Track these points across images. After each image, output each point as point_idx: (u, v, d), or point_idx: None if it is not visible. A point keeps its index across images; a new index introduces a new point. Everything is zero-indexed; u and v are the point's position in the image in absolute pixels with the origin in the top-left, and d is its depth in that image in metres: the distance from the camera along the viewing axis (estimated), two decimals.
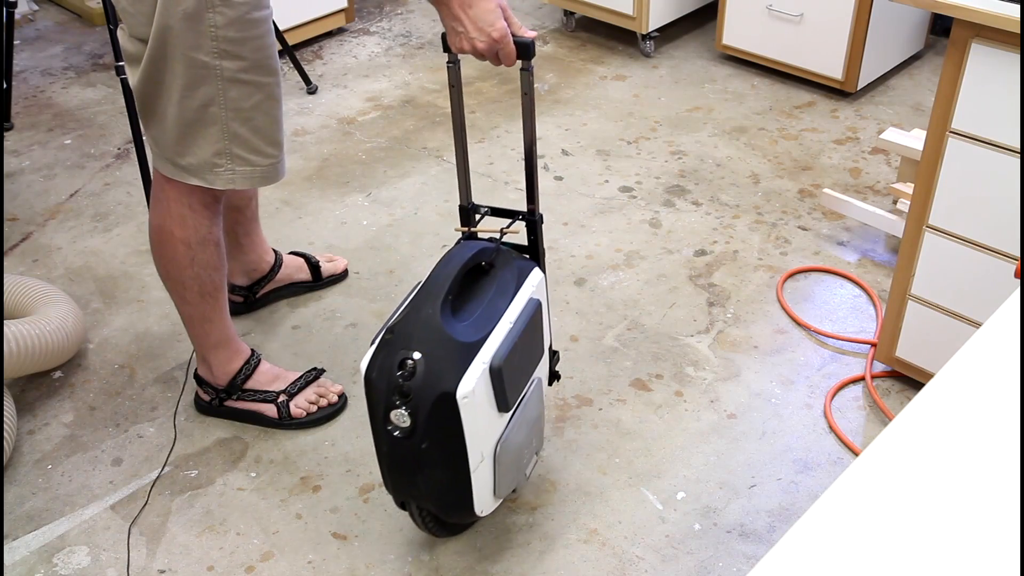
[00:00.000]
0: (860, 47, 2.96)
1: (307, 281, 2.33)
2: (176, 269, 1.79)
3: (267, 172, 1.71)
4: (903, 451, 0.81)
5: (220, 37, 1.54)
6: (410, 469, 1.55)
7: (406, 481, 1.59)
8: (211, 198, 1.75)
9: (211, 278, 1.82)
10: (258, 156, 1.68)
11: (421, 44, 3.57)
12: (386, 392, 1.50)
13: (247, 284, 2.25)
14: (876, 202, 2.58)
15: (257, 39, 1.59)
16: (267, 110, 1.65)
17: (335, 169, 2.83)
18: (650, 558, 1.71)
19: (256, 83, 1.62)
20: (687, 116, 3.06)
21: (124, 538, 1.77)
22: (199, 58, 1.56)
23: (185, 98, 1.60)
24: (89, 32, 3.68)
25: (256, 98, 1.63)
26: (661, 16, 3.37)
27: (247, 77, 1.60)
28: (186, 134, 1.64)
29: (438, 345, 1.49)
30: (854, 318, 2.25)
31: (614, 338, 2.20)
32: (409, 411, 1.49)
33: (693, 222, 2.57)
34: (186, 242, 1.75)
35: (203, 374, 1.97)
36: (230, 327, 1.93)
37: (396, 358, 1.49)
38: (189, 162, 1.67)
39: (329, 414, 1.99)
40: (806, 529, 0.75)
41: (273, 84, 1.65)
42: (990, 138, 1.67)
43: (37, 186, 2.77)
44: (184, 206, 1.73)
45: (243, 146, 1.66)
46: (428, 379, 1.48)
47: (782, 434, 1.95)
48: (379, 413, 1.52)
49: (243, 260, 2.21)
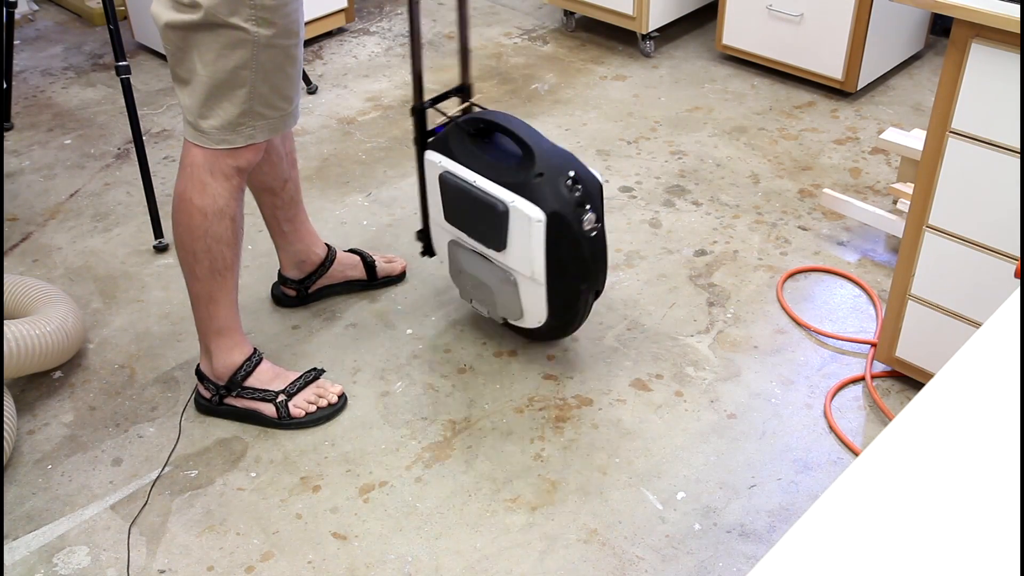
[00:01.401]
0: (860, 47, 2.96)
1: (362, 279, 2.33)
2: (190, 238, 1.82)
3: (278, 124, 1.80)
4: (903, 451, 0.81)
5: (258, 5, 1.63)
6: (605, 256, 2.01)
7: (604, 267, 2.02)
8: (232, 169, 1.78)
9: (223, 253, 1.84)
10: (272, 110, 1.77)
11: (421, 44, 3.57)
12: (573, 207, 1.87)
13: (299, 278, 2.26)
14: (876, 202, 2.58)
15: (288, 4, 1.67)
16: (286, 69, 1.74)
17: (335, 169, 2.83)
18: (650, 558, 1.71)
19: (283, 47, 1.71)
20: (687, 116, 3.06)
21: (124, 538, 1.77)
22: (238, 23, 1.63)
23: (220, 59, 1.67)
24: (89, 32, 3.68)
25: (279, 59, 1.72)
26: (661, 16, 3.37)
27: (278, 42, 1.69)
28: (214, 95, 1.70)
29: (574, 161, 1.92)
30: (854, 318, 2.25)
31: (614, 338, 2.20)
32: (591, 209, 1.90)
33: (693, 222, 2.57)
34: (203, 211, 1.79)
35: (204, 369, 1.98)
36: (236, 317, 1.94)
37: (561, 182, 1.87)
38: (211, 124, 1.73)
39: (328, 414, 1.99)
40: (806, 529, 0.75)
41: (293, 45, 1.74)
42: (990, 138, 1.67)
43: (37, 186, 2.77)
44: (206, 172, 1.77)
45: (263, 103, 1.74)
46: (587, 186, 1.90)
47: (782, 434, 1.95)
48: (573, 228, 1.88)
49: (290, 250, 2.21)
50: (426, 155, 2.02)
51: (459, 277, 2.13)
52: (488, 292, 2.06)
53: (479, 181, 1.93)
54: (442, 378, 2.10)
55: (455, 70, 3.34)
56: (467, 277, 2.09)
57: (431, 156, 2.01)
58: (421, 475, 1.88)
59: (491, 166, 1.94)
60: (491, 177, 1.93)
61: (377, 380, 2.09)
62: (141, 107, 3.08)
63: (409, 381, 2.09)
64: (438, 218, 2.09)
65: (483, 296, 2.09)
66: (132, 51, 3.42)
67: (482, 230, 1.98)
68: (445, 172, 1.99)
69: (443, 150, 2.01)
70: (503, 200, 1.89)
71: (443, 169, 1.99)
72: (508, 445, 1.94)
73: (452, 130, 2.01)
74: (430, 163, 2.02)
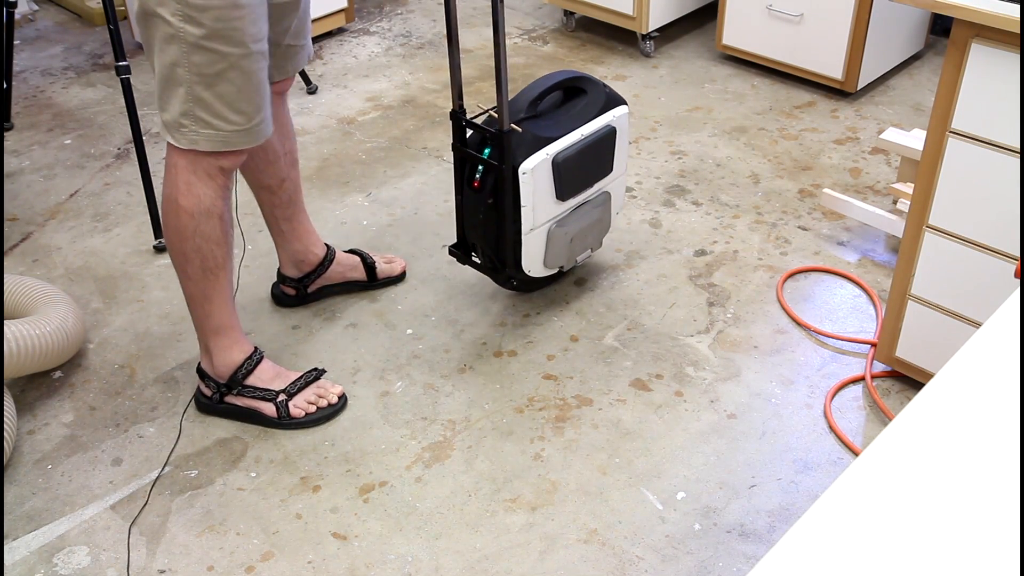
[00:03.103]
0: (860, 47, 2.96)
1: (361, 280, 2.33)
2: (179, 240, 1.82)
3: (229, 137, 1.73)
4: (903, 451, 0.81)
5: (182, 1, 1.60)
6: None
7: None
8: (215, 168, 1.77)
9: (212, 252, 1.84)
10: (221, 121, 1.71)
11: (421, 44, 3.57)
12: None
13: (297, 276, 2.26)
14: (876, 202, 2.58)
15: (219, 10, 1.62)
16: (232, 79, 1.68)
17: (335, 169, 2.83)
18: (650, 558, 1.71)
19: (219, 52, 1.65)
20: (687, 116, 3.06)
21: (124, 538, 1.77)
22: (165, 17, 1.61)
23: (160, 53, 1.66)
24: (89, 32, 3.68)
25: (220, 66, 1.66)
26: (661, 16, 3.37)
27: (209, 45, 1.64)
28: (163, 89, 1.70)
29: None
30: (854, 318, 2.25)
31: (614, 338, 2.20)
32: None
33: (693, 222, 2.57)
34: (189, 211, 1.78)
35: (205, 366, 1.98)
36: (232, 314, 1.94)
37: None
38: (165, 118, 1.73)
39: (328, 415, 1.99)
40: (806, 529, 0.75)
41: (239, 56, 1.67)
42: (990, 138, 1.67)
43: (37, 186, 2.77)
44: (190, 173, 1.77)
45: (206, 110, 1.70)
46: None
47: (782, 434, 1.95)
48: None
49: (289, 249, 2.22)
50: (521, 168, 1.99)
51: (566, 249, 2.17)
52: (590, 228, 2.20)
53: (583, 130, 2.09)
54: (442, 378, 2.10)
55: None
56: (573, 239, 2.17)
57: (527, 164, 1.99)
58: (421, 475, 1.88)
59: (570, 118, 2.09)
60: (579, 123, 2.09)
61: (377, 380, 2.09)
62: (141, 107, 3.07)
63: (409, 381, 2.09)
64: (540, 215, 2.07)
65: (585, 240, 2.21)
66: (132, 51, 3.42)
67: (595, 171, 2.15)
68: (554, 156, 2.04)
69: (531, 148, 2.01)
70: (606, 124, 2.13)
71: (549, 156, 2.03)
72: (508, 445, 1.94)
73: (513, 135, 1.98)
74: (531, 169, 1.99)
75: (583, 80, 2.14)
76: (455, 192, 2.11)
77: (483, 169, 2.02)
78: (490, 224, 2.06)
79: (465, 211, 2.10)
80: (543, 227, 2.10)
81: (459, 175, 2.08)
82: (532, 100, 2.06)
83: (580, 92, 2.14)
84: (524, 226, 2.05)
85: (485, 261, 2.17)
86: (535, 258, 2.12)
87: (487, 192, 2.02)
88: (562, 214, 2.13)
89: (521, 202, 2.02)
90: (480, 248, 2.14)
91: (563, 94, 2.15)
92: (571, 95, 2.14)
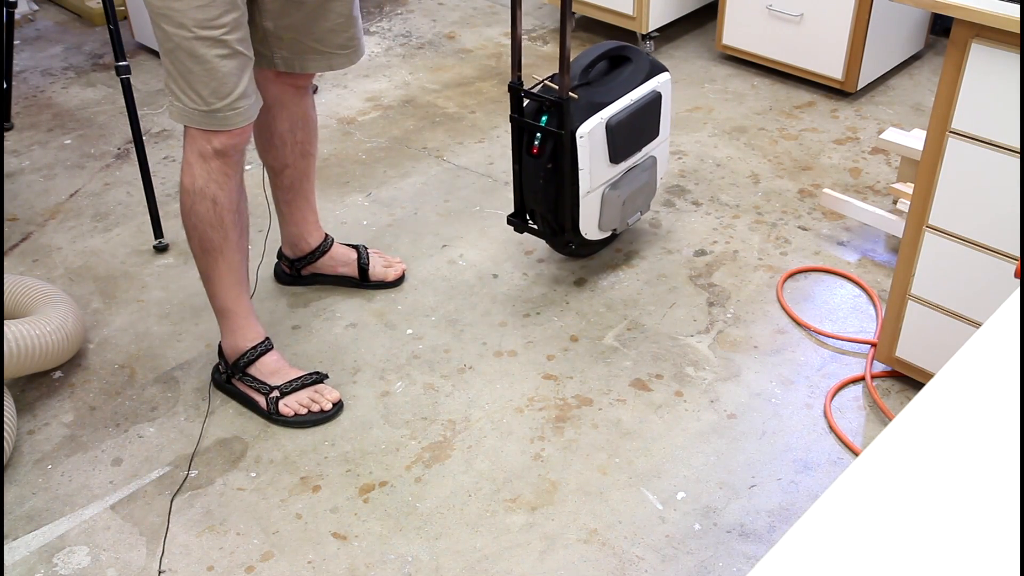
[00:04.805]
0: (860, 47, 2.96)
1: (353, 277, 2.34)
2: (183, 214, 1.87)
3: (192, 115, 1.75)
4: (903, 451, 0.81)
5: None
6: None
7: None
8: (209, 150, 1.79)
9: (207, 234, 1.86)
10: (185, 96, 1.74)
11: (421, 44, 3.57)
12: None
13: (292, 257, 2.31)
14: (876, 202, 2.58)
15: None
16: (182, 60, 1.70)
17: (335, 169, 2.83)
18: (650, 558, 1.71)
19: (164, 30, 1.69)
20: (687, 116, 3.06)
21: (124, 538, 1.77)
22: None
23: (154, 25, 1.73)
24: (89, 32, 3.68)
25: (167, 45, 1.70)
26: (661, 16, 3.37)
27: (157, 22, 1.69)
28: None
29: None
30: (854, 318, 2.25)
31: (614, 338, 2.20)
32: None
33: (693, 222, 2.57)
34: (186, 188, 1.83)
35: (222, 344, 2.03)
36: (236, 299, 1.96)
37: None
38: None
39: (318, 420, 1.98)
40: (806, 529, 0.75)
41: (184, 38, 1.68)
42: (990, 138, 1.67)
43: (37, 186, 2.77)
44: (190, 151, 1.81)
45: (173, 83, 1.74)
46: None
47: (782, 434, 1.95)
48: None
49: (286, 230, 2.27)
50: (578, 131, 2.10)
51: (619, 211, 2.27)
52: (640, 192, 2.31)
53: (632, 95, 2.21)
54: (442, 378, 2.10)
55: (456, 69, 3.35)
56: (626, 202, 2.27)
57: (584, 128, 2.10)
58: (421, 475, 1.88)
59: (619, 85, 2.21)
60: (628, 89, 2.21)
61: (377, 380, 2.09)
62: (141, 107, 3.08)
63: (409, 381, 2.09)
64: (596, 177, 2.18)
65: (635, 202, 2.32)
66: (132, 51, 3.42)
67: (643, 134, 2.27)
68: (608, 120, 2.14)
69: (586, 114, 2.12)
70: (652, 89, 2.25)
71: (603, 120, 2.14)
72: (508, 445, 1.94)
73: (569, 103, 2.09)
74: (587, 133, 2.11)
75: (628, 49, 2.29)
76: (513, 162, 2.21)
77: (541, 136, 2.13)
78: (549, 189, 2.17)
79: (524, 179, 2.20)
80: (598, 190, 2.21)
81: (517, 145, 2.18)
82: (584, 68, 2.19)
83: (626, 60, 2.27)
84: (581, 189, 2.16)
85: (543, 226, 2.26)
86: (591, 221, 2.24)
87: (546, 158, 2.13)
88: (615, 177, 2.24)
89: (579, 165, 2.12)
90: (539, 214, 2.24)
91: (608, 63, 2.27)
92: (616, 64, 2.27)
